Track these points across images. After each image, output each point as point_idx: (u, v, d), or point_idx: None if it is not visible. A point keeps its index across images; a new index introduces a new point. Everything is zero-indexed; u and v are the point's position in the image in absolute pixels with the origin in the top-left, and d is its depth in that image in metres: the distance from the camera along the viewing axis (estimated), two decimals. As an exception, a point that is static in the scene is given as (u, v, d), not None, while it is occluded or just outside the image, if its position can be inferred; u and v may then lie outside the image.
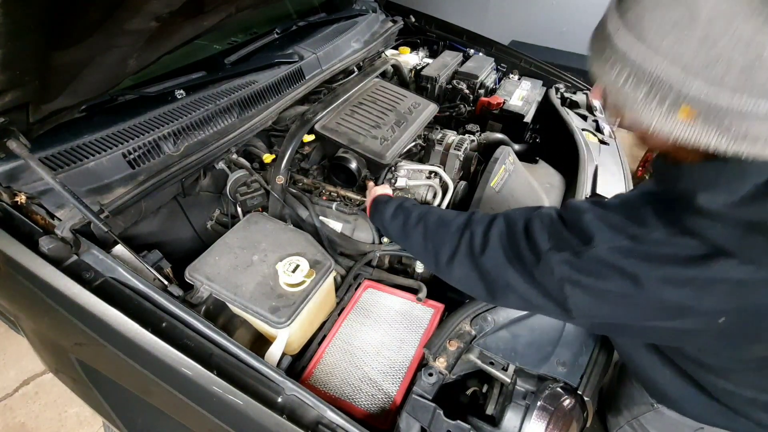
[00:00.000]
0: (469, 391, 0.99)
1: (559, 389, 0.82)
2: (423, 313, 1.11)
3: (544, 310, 0.72)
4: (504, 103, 1.70)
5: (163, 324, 0.81)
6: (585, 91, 1.87)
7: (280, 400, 0.76)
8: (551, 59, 2.18)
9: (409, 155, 1.52)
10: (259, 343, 1.07)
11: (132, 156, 1.04)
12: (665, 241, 0.58)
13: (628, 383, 1.02)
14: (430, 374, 0.82)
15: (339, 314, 1.10)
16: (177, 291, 0.91)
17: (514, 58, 2.00)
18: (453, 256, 0.81)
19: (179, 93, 1.23)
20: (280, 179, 1.26)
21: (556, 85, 1.87)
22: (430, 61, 1.97)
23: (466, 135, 1.52)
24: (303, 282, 0.95)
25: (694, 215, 0.55)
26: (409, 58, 1.98)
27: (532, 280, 0.70)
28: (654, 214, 0.60)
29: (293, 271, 0.95)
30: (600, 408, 1.19)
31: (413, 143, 1.50)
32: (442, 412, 0.77)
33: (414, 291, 1.16)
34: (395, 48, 2.04)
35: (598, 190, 1.32)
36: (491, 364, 0.86)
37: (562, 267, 0.65)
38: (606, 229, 0.63)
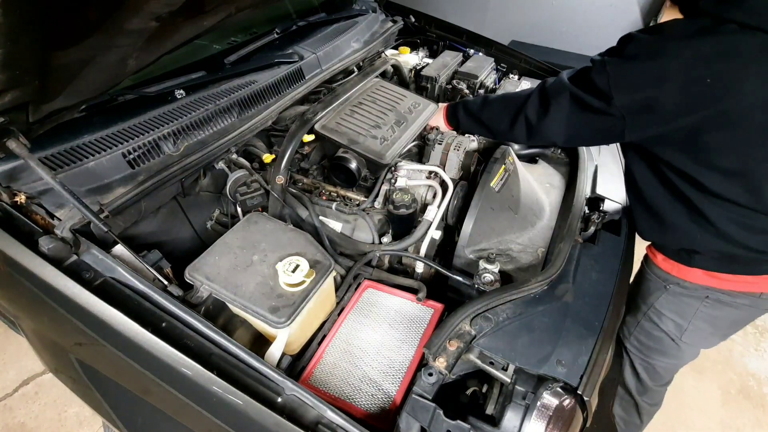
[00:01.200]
0: (469, 391, 0.99)
1: (559, 389, 0.82)
2: (423, 313, 1.11)
3: (588, 111, 0.99)
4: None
5: (163, 324, 0.81)
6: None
7: (280, 400, 0.76)
8: (551, 59, 2.18)
9: (409, 155, 1.52)
10: (259, 343, 1.07)
11: (132, 156, 1.04)
12: (686, 22, 0.88)
13: (645, 279, 1.24)
14: (430, 374, 0.82)
15: (339, 314, 1.10)
16: (177, 291, 0.91)
17: (514, 58, 1.99)
18: (528, 97, 1.12)
19: (179, 93, 1.23)
20: (280, 179, 1.26)
21: (556, 85, 1.87)
22: (430, 61, 1.97)
23: (466, 135, 1.52)
24: (303, 282, 0.95)
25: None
26: (409, 58, 1.97)
27: (586, 82, 0.98)
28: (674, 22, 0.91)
29: (293, 271, 0.95)
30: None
31: (413, 143, 1.50)
32: (441, 412, 0.77)
33: (414, 291, 1.16)
34: (395, 48, 2.04)
35: (598, 190, 1.32)
36: (491, 364, 0.86)
37: (611, 66, 0.93)
38: (641, 32, 0.93)
